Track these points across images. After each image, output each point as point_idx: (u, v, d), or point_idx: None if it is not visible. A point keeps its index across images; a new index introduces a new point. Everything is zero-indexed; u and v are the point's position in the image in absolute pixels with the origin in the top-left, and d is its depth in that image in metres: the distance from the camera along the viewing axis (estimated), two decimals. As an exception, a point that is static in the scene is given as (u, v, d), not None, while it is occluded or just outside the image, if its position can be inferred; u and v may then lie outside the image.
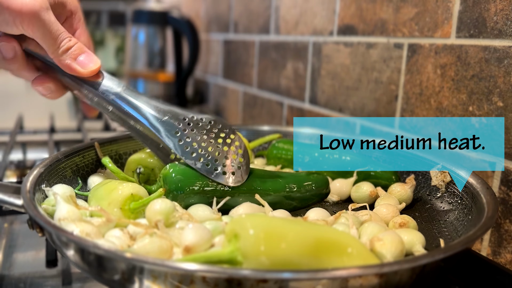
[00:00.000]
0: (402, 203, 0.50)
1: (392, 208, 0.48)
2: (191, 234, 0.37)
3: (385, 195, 0.53)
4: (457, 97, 0.60)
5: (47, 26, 0.45)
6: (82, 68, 0.48)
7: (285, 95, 1.01)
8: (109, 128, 1.09)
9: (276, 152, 0.62)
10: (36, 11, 0.44)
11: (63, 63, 0.47)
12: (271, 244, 0.33)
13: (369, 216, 0.45)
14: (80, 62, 0.48)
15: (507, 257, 0.55)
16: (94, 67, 0.48)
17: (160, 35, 1.41)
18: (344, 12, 0.81)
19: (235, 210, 0.47)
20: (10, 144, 0.84)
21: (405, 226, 0.44)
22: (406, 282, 0.33)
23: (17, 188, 0.43)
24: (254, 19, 1.13)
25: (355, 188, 0.54)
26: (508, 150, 0.54)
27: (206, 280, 0.30)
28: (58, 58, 0.47)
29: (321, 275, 0.30)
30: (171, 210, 0.41)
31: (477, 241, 0.58)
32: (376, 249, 0.38)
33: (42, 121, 1.16)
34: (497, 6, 0.54)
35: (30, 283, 0.50)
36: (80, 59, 0.48)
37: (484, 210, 0.42)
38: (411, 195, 0.52)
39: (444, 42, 0.62)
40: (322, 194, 0.54)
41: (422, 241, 0.41)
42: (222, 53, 1.35)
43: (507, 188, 0.54)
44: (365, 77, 0.77)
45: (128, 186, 0.45)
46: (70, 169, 0.53)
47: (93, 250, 0.33)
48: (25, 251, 0.58)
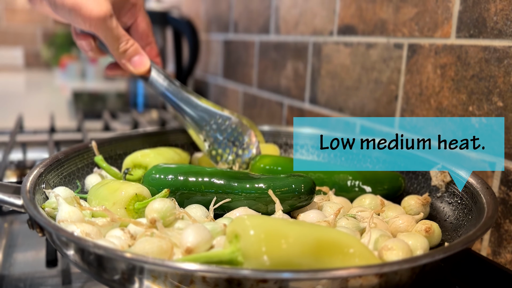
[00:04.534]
0: (420, 214, 0.48)
1: (409, 218, 0.46)
2: (192, 235, 0.37)
3: (390, 205, 0.51)
4: (457, 97, 0.60)
5: (110, 31, 0.55)
6: (134, 68, 0.59)
7: (285, 95, 1.01)
8: (109, 128, 1.09)
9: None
10: (101, 18, 0.53)
11: (121, 61, 0.58)
12: (272, 245, 0.33)
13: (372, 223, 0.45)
14: (133, 62, 0.58)
15: (507, 257, 0.55)
16: (142, 69, 0.59)
17: (160, 35, 1.41)
18: (344, 12, 0.81)
19: (231, 213, 0.46)
20: (10, 144, 0.84)
21: (430, 231, 0.44)
22: (406, 282, 0.33)
23: (17, 188, 0.43)
24: (254, 19, 1.13)
25: (358, 201, 0.52)
26: (508, 150, 0.54)
27: (206, 280, 0.30)
28: (117, 57, 0.58)
29: (321, 275, 0.30)
30: (168, 209, 0.41)
31: (477, 241, 0.58)
32: (387, 258, 0.38)
33: (42, 121, 1.16)
34: (497, 6, 0.54)
35: (30, 283, 0.50)
36: (134, 59, 0.58)
37: (484, 210, 0.42)
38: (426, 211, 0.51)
39: (444, 42, 0.62)
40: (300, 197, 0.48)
41: (425, 247, 0.41)
42: (222, 53, 1.35)
43: (507, 188, 0.54)
44: (365, 77, 0.77)
45: (132, 186, 0.45)
46: (70, 169, 0.53)
47: (93, 250, 0.33)
48: (25, 251, 0.58)
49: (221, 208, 0.47)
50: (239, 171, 0.50)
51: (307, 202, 0.47)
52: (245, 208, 0.46)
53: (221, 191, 0.47)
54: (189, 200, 0.48)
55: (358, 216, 0.46)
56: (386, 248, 0.38)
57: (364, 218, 0.45)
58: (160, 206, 0.42)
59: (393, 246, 0.38)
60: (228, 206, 0.47)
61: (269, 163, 0.55)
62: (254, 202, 0.47)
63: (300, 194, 0.46)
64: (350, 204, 0.51)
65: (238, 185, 0.47)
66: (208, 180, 0.48)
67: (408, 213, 0.50)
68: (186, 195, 0.48)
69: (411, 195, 0.52)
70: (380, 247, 0.39)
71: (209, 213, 0.46)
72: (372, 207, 0.50)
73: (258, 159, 0.56)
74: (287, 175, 0.48)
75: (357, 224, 0.44)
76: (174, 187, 0.48)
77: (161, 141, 0.65)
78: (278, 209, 0.44)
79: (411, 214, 0.49)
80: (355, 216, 0.46)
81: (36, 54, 3.04)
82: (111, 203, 0.44)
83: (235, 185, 0.47)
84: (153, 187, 0.48)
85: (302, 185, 0.46)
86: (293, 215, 0.48)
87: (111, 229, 0.40)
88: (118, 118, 1.27)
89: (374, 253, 0.38)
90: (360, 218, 0.46)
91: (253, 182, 0.47)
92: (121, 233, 0.39)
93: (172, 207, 0.42)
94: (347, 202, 0.51)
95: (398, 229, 0.45)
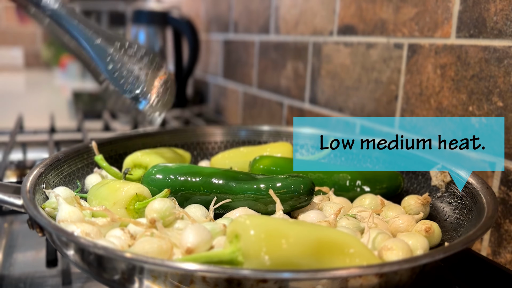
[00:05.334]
0: (420, 213, 0.48)
1: (409, 218, 0.46)
2: (192, 235, 0.37)
3: (390, 205, 0.51)
4: (457, 97, 0.60)
5: None
6: None
7: (285, 95, 1.01)
8: (109, 128, 1.09)
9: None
10: None
11: None
12: (272, 245, 0.33)
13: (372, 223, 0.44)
14: None
15: (507, 257, 0.55)
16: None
17: (160, 35, 1.41)
18: (344, 12, 0.81)
19: (230, 213, 0.47)
20: (10, 144, 0.84)
21: (430, 231, 0.44)
22: (406, 282, 0.33)
23: (17, 188, 0.43)
24: (254, 19, 1.13)
25: (358, 201, 0.52)
26: (508, 150, 0.54)
27: (206, 280, 0.30)
28: None
29: (321, 275, 0.30)
30: (168, 209, 0.42)
31: (477, 241, 0.58)
32: (387, 258, 0.38)
33: (42, 121, 1.16)
34: (497, 6, 0.54)
35: (30, 283, 0.50)
36: None
37: (484, 210, 0.42)
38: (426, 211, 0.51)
39: (444, 42, 0.62)
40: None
41: (425, 247, 0.41)
42: (222, 53, 1.35)
43: (507, 188, 0.54)
44: (365, 77, 0.77)
45: (133, 186, 0.45)
46: (70, 169, 0.53)
47: (93, 250, 0.33)
48: (25, 251, 0.58)
49: (221, 208, 0.47)
50: (239, 171, 0.50)
51: (307, 203, 0.47)
52: (245, 208, 0.46)
53: (220, 192, 0.47)
54: (189, 200, 0.48)
55: (359, 216, 0.46)
56: (386, 248, 0.38)
57: (365, 218, 0.45)
58: (159, 206, 0.42)
59: (393, 246, 0.38)
60: (228, 206, 0.47)
61: (268, 164, 0.55)
62: (254, 203, 0.47)
63: (300, 194, 0.46)
64: (350, 204, 0.51)
65: (237, 185, 0.47)
66: (207, 181, 0.48)
67: (408, 213, 0.50)
68: (186, 195, 0.48)
69: (411, 195, 0.52)
70: (380, 247, 0.39)
71: (209, 213, 0.46)
72: (372, 207, 0.50)
73: (257, 159, 0.56)
74: (286, 176, 0.48)
75: (358, 224, 0.44)
76: (174, 187, 0.48)
77: (161, 141, 0.65)
78: (278, 209, 0.44)
79: (411, 214, 0.49)
80: (355, 216, 0.46)
81: (36, 54, 3.04)
82: (112, 203, 0.44)
83: (234, 185, 0.47)
84: (153, 187, 0.48)
85: (301, 186, 0.46)
86: (293, 215, 0.48)
87: (111, 229, 0.40)
88: (118, 118, 1.27)
89: (374, 253, 0.38)
90: (361, 218, 0.46)
91: (253, 183, 0.47)
92: (121, 233, 0.39)
93: (172, 207, 0.42)
94: (347, 202, 0.51)
95: (398, 229, 0.45)
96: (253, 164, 0.56)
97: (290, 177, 0.48)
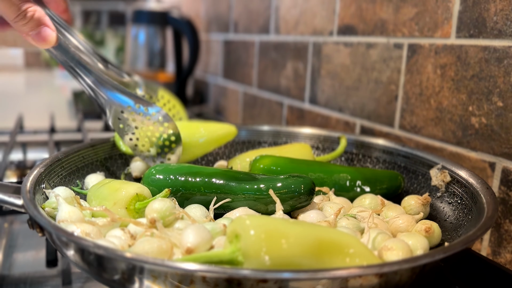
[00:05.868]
0: (420, 213, 0.48)
1: (409, 218, 0.46)
2: (192, 235, 0.37)
3: (390, 205, 0.51)
4: (457, 97, 0.60)
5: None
6: (37, 43, 0.49)
7: (285, 95, 1.01)
8: (109, 128, 1.09)
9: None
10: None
11: (21, 34, 0.49)
12: (273, 245, 0.33)
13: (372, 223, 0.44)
14: (35, 36, 0.49)
15: (507, 257, 0.55)
16: (45, 45, 0.50)
17: (160, 35, 1.41)
18: (344, 12, 0.81)
19: (231, 213, 0.46)
20: (10, 144, 0.84)
21: (430, 231, 0.44)
22: (406, 282, 0.33)
23: (17, 188, 0.43)
24: (254, 19, 1.13)
25: (358, 201, 0.52)
26: (508, 150, 0.54)
27: (206, 280, 0.30)
28: (17, 29, 0.49)
29: (321, 275, 0.30)
30: (168, 209, 0.41)
31: (477, 241, 0.58)
32: (387, 258, 0.38)
33: (42, 121, 1.16)
34: (497, 6, 0.54)
35: (30, 283, 0.50)
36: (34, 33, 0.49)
37: (484, 210, 0.42)
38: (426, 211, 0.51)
39: (444, 42, 0.62)
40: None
41: (425, 247, 0.41)
42: (222, 53, 1.35)
43: (507, 188, 0.54)
44: (365, 77, 0.77)
45: (133, 186, 0.45)
46: (70, 169, 0.53)
47: (93, 250, 0.33)
48: (25, 251, 0.58)
49: (221, 208, 0.47)
50: (239, 171, 0.50)
51: (307, 203, 0.47)
52: (245, 208, 0.46)
53: (220, 192, 0.47)
54: (189, 200, 0.48)
55: (359, 216, 0.46)
56: (386, 248, 0.38)
57: (365, 218, 0.45)
58: (160, 206, 0.42)
59: (393, 246, 0.38)
60: (228, 206, 0.47)
61: (269, 164, 0.55)
62: (254, 203, 0.47)
63: (300, 194, 0.46)
64: (351, 204, 0.51)
65: (237, 185, 0.47)
66: (208, 181, 0.48)
67: (408, 213, 0.50)
68: (186, 195, 0.48)
69: (411, 195, 0.52)
70: (380, 247, 0.39)
71: (209, 213, 0.46)
72: (372, 207, 0.50)
73: (258, 159, 0.56)
74: (286, 176, 0.48)
75: (358, 224, 0.44)
76: (174, 187, 0.48)
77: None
78: (278, 209, 0.44)
79: (411, 214, 0.49)
80: (355, 216, 0.46)
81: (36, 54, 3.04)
82: (112, 203, 0.44)
83: (234, 185, 0.47)
84: (153, 187, 0.48)
85: (301, 186, 0.46)
86: (293, 215, 0.48)
87: (111, 229, 0.40)
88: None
89: (374, 253, 0.38)
90: (361, 218, 0.46)
91: (253, 183, 0.47)
92: (121, 233, 0.39)
93: (172, 207, 0.42)
94: (347, 202, 0.51)
95: (398, 229, 0.45)
96: (253, 163, 0.56)
97: (291, 177, 0.48)
